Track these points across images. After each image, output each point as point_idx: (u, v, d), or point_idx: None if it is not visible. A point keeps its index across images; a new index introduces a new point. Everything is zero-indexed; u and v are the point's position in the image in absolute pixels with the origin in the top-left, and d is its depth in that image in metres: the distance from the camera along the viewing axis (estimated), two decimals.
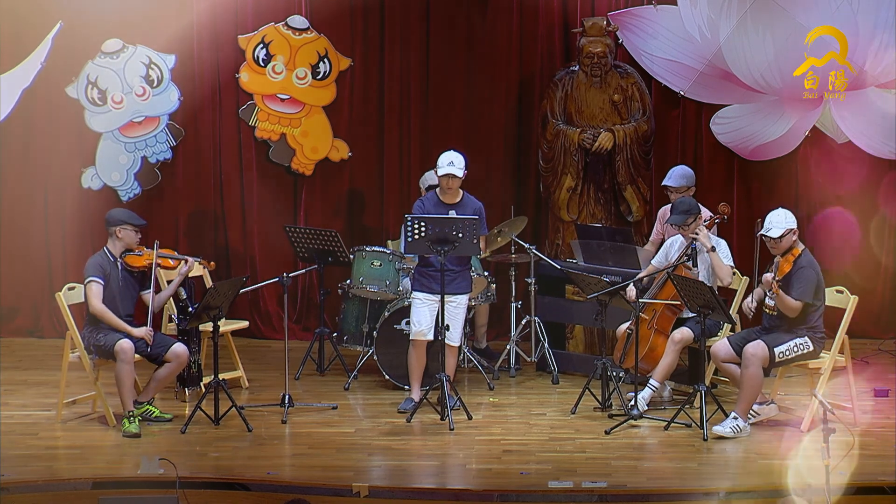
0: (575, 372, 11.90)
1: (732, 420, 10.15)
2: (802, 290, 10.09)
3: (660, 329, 10.85)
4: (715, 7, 12.76)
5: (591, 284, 10.86)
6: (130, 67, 13.24)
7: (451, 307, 10.75)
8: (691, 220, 10.82)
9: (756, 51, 12.76)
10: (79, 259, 12.55)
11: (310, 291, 13.46)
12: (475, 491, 9.24)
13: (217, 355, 10.60)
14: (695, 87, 12.98)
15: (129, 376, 10.33)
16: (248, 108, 13.36)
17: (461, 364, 11.66)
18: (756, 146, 13.03)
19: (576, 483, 9.18)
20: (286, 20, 13.29)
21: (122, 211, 10.91)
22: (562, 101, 12.36)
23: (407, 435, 10.40)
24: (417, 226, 10.50)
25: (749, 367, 10.09)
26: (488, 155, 13.14)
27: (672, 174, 11.67)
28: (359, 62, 13.36)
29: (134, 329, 10.41)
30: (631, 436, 10.31)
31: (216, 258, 13.13)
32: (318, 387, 11.72)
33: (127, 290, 10.57)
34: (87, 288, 10.43)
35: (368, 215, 13.52)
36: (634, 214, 12.38)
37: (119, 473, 9.47)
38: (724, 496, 9.04)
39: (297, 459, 9.95)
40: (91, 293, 10.41)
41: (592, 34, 12.33)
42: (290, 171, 13.44)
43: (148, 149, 13.32)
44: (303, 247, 12.00)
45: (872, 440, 10.02)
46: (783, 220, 10.22)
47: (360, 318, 11.88)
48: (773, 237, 10.20)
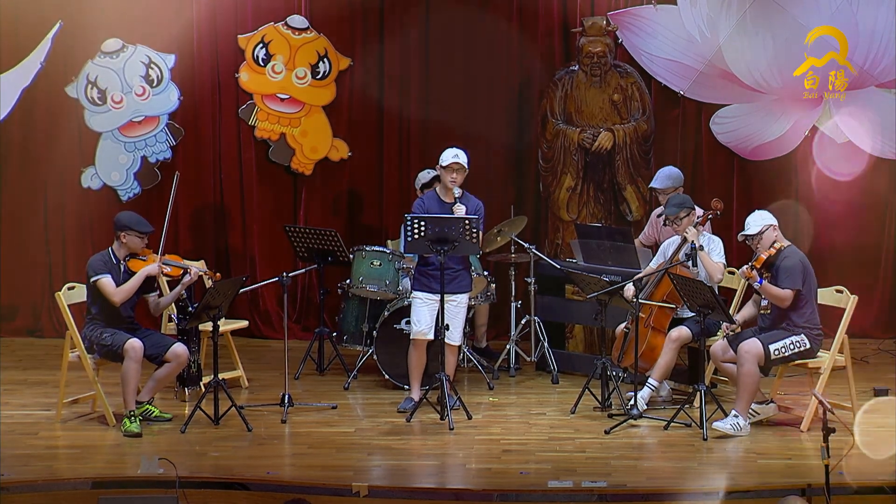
0: (575, 371, 11.90)
1: (733, 418, 10.16)
2: (788, 279, 10.15)
3: (657, 327, 10.86)
4: (715, 7, 12.77)
5: (590, 284, 10.87)
6: (130, 67, 13.24)
7: (451, 306, 10.74)
8: (684, 215, 10.85)
9: (756, 50, 12.76)
10: (79, 259, 12.57)
11: (309, 291, 13.47)
12: (475, 491, 9.24)
13: (217, 355, 10.60)
14: (694, 87, 12.99)
15: (135, 375, 10.31)
16: (248, 108, 13.36)
17: (461, 364, 11.66)
18: (756, 146, 13.04)
19: (575, 483, 9.17)
20: (286, 20, 13.29)
21: (130, 216, 10.69)
22: (561, 101, 12.36)
23: (407, 434, 10.40)
24: (417, 225, 10.49)
25: (744, 365, 10.11)
26: (488, 155, 13.13)
27: (658, 176, 11.67)
28: (358, 62, 13.37)
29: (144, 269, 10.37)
30: (630, 435, 10.31)
31: (216, 258, 13.17)
32: (317, 386, 11.72)
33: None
34: (99, 285, 10.34)
35: (368, 215, 13.52)
36: (634, 214, 12.38)
37: (119, 473, 9.46)
38: (724, 496, 9.04)
39: (296, 459, 9.95)
40: (106, 288, 10.34)
41: (592, 34, 12.33)
42: (290, 171, 13.44)
43: (148, 148, 13.33)
44: (302, 246, 12.00)
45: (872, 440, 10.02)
46: (759, 218, 10.34)
47: (359, 317, 11.88)
48: (751, 234, 10.28)
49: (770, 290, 10.19)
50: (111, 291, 10.33)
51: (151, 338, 10.50)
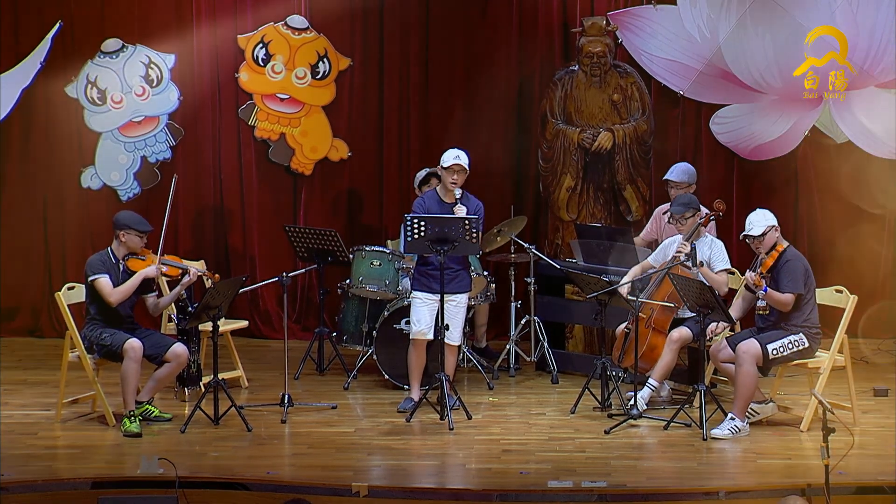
0: (574, 372, 11.90)
1: (730, 421, 10.16)
2: (791, 283, 10.13)
3: (657, 328, 10.85)
4: (714, 6, 12.76)
5: (590, 284, 10.86)
6: (130, 67, 13.25)
7: (451, 306, 10.74)
8: (689, 215, 10.85)
9: (756, 51, 12.76)
10: (79, 259, 12.57)
11: (309, 291, 13.47)
12: (475, 491, 9.23)
13: (216, 355, 10.60)
14: (694, 87, 12.99)
15: (135, 375, 10.31)
16: (248, 108, 13.36)
17: (461, 364, 11.66)
18: (756, 146, 13.04)
19: (575, 483, 9.17)
20: (286, 20, 13.29)
21: (130, 215, 10.68)
22: (561, 101, 12.35)
23: (406, 435, 10.40)
24: (417, 225, 10.49)
25: (742, 365, 10.10)
26: (488, 155, 13.12)
27: (675, 168, 11.69)
28: (358, 62, 13.37)
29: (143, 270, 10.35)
30: (630, 435, 10.31)
31: (215, 257, 13.17)
32: (317, 386, 11.72)
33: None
34: (96, 285, 10.33)
35: (368, 215, 13.52)
36: (634, 214, 12.37)
37: (119, 473, 9.46)
38: (724, 496, 9.04)
39: (296, 459, 9.95)
40: (103, 289, 10.33)
41: (592, 34, 12.33)
42: (290, 171, 13.44)
43: (147, 148, 13.33)
44: (302, 246, 12.00)
45: (872, 440, 10.02)
46: (762, 218, 10.30)
47: (359, 317, 11.88)
48: (754, 235, 10.26)
49: (774, 296, 10.15)
50: (108, 292, 10.32)
51: (151, 338, 10.49)
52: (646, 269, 11.06)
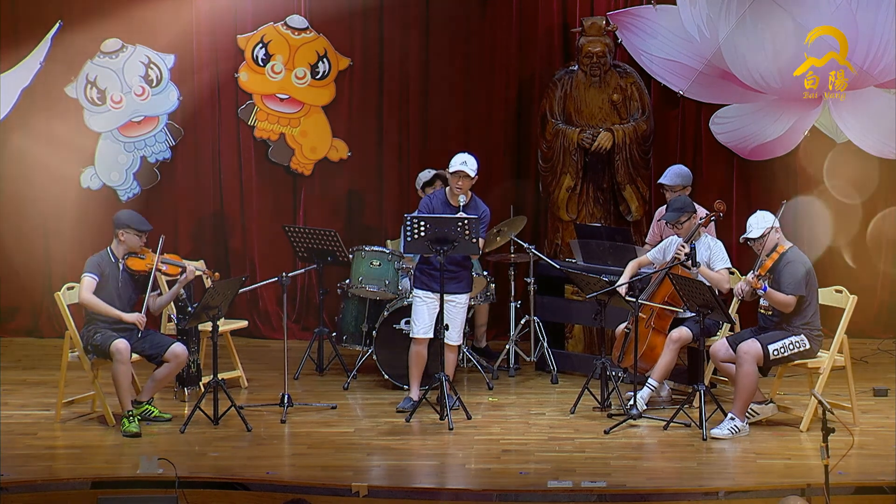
0: (574, 371, 11.90)
1: (730, 421, 10.15)
2: (792, 284, 10.12)
3: (657, 328, 10.85)
4: (714, 6, 12.76)
5: (590, 284, 10.86)
6: (129, 67, 13.24)
7: (451, 306, 10.74)
8: (685, 219, 10.83)
9: (756, 51, 12.76)
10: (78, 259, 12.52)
11: (309, 291, 13.46)
12: (474, 491, 9.23)
13: (216, 355, 10.59)
14: (694, 87, 12.98)
15: (126, 377, 10.31)
16: (248, 108, 13.36)
17: (460, 364, 11.65)
18: (755, 146, 13.04)
19: (575, 483, 9.17)
20: (285, 20, 13.29)
21: (130, 214, 10.71)
22: (561, 101, 12.35)
23: (406, 435, 10.39)
24: (417, 225, 10.49)
25: (743, 366, 10.09)
26: (488, 155, 13.12)
27: (668, 172, 11.67)
28: (358, 62, 13.36)
29: (125, 314, 10.38)
30: (630, 435, 10.31)
31: (215, 258, 13.16)
32: (317, 386, 11.71)
33: (125, 291, 10.54)
34: (81, 280, 10.40)
35: (367, 215, 13.52)
36: (633, 214, 12.37)
37: (118, 473, 9.46)
38: (723, 496, 9.03)
39: (296, 459, 9.95)
40: (81, 286, 10.37)
41: (591, 34, 12.33)
42: (290, 171, 13.44)
43: (147, 148, 13.32)
44: (302, 246, 12.00)
45: (872, 440, 10.02)
46: (761, 220, 10.28)
47: (359, 317, 11.88)
48: (753, 238, 10.25)
49: (774, 296, 10.15)
50: (84, 291, 10.33)
51: (150, 338, 10.49)
52: (642, 265, 11.05)
